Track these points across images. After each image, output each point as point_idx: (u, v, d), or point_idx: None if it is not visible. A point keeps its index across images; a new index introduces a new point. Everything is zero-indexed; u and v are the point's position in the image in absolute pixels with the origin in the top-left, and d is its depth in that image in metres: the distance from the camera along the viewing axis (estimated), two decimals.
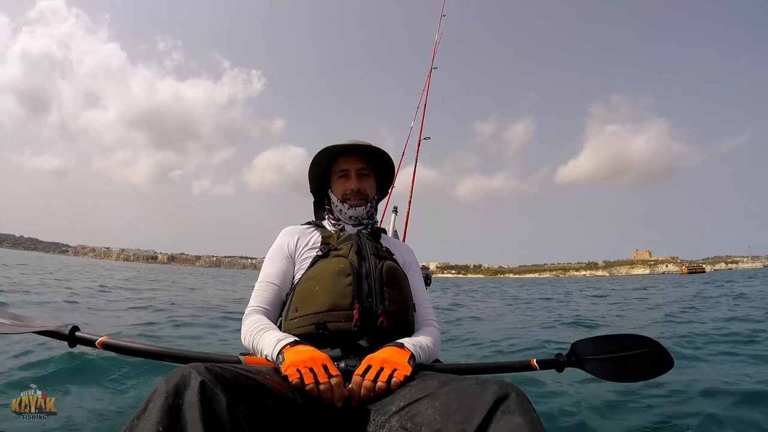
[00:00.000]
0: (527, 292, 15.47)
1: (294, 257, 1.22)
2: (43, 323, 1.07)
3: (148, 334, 3.76)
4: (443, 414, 0.68)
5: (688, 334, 4.06)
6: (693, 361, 2.95)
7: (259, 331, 1.02)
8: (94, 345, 0.99)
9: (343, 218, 1.28)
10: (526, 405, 0.65)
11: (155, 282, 14.09)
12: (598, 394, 2.11)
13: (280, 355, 0.88)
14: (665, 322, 5.32)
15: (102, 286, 9.37)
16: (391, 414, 0.76)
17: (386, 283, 1.09)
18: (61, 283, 9.10)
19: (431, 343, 1.07)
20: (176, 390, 0.59)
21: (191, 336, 3.86)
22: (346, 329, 1.01)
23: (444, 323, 5.22)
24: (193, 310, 5.89)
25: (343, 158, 1.28)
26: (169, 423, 0.55)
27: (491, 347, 3.68)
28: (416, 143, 3.57)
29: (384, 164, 1.33)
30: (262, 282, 1.18)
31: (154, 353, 0.98)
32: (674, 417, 1.86)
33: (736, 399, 2.01)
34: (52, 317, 4.39)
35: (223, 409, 0.60)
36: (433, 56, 3.96)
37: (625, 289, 15.86)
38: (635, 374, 1.19)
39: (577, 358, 1.17)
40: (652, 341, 1.20)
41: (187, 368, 0.63)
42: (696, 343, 3.60)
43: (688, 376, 2.45)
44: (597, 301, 9.69)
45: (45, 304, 5.45)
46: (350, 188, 1.26)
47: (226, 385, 0.63)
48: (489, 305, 8.91)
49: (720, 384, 2.27)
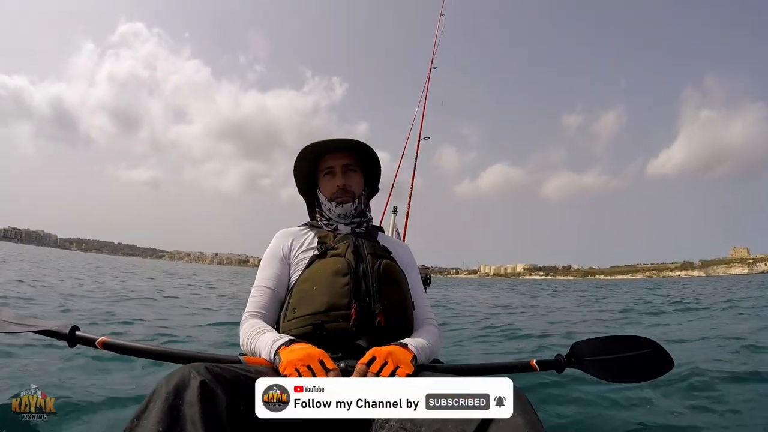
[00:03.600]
0: (597, 299, 12.24)
1: (289, 260, 1.21)
2: (43, 323, 1.07)
3: (150, 333, 3.76)
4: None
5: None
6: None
7: (256, 334, 1.02)
8: (94, 345, 0.99)
9: (333, 216, 1.27)
10: (526, 405, 0.65)
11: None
12: (597, 395, 2.11)
13: (277, 356, 0.88)
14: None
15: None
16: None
17: (384, 282, 1.08)
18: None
19: (431, 343, 1.07)
20: (176, 390, 0.59)
21: (191, 336, 3.86)
22: (343, 329, 1.01)
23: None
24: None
25: (329, 155, 1.26)
26: (170, 423, 0.55)
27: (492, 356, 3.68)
28: (416, 144, 3.58)
29: (370, 159, 1.31)
30: (258, 287, 1.17)
31: (153, 353, 0.98)
32: (674, 417, 1.86)
33: (738, 399, 2.01)
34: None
35: (223, 408, 0.60)
36: (433, 56, 3.96)
37: (715, 294, 13.16)
38: (635, 375, 1.19)
39: (576, 359, 1.17)
40: (652, 342, 1.20)
41: (187, 368, 0.63)
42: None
43: (688, 375, 2.45)
44: (681, 320, 6.35)
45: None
46: (336, 185, 1.24)
47: (226, 385, 0.63)
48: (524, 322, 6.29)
49: (721, 384, 2.27)
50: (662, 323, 6.01)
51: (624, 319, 6.69)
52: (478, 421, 0.63)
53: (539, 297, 14.64)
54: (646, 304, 9.85)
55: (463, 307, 9.24)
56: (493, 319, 6.47)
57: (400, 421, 0.73)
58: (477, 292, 18.95)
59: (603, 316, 7.22)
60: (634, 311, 7.92)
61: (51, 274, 11.35)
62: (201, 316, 5.38)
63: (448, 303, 10.45)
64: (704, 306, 8.44)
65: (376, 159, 1.32)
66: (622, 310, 8.23)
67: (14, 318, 1.10)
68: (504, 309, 8.86)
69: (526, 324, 5.82)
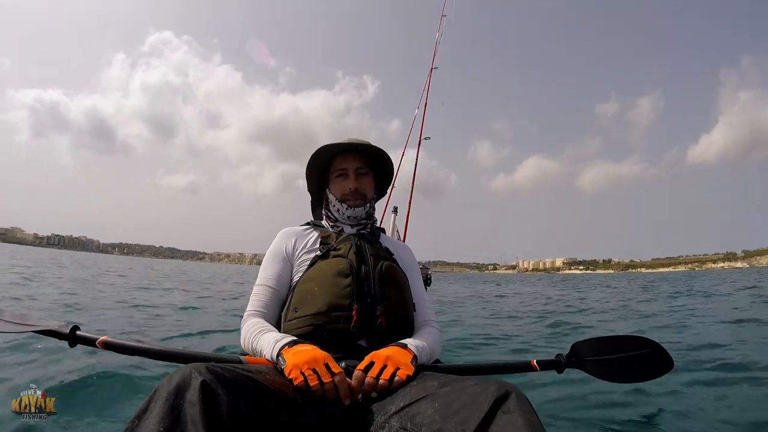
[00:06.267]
0: (627, 298, 9.72)
1: (291, 260, 1.21)
2: (44, 323, 1.07)
3: (152, 333, 3.76)
4: (443, 414, 0.68)
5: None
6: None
7: (258, 333, 1.02)
8: (94, 345, 0.99)
9: (342, 218, 1.27)
10: (526, 405, 0.65)
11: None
12: (597, 395, 2.11)
13: (280, 357, 0.88)
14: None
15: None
16: (390, 414, 0.76)
17: (385, 284, 1.09)
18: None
19: (432, 343, 1.07)
20: (177, 390, 0.59)
21: (192, 336, 3.86)
22: (344, 330, 1.01)
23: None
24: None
25: (342, 157, 1.27)
26: (170, 422, 0.55)
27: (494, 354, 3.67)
28: (417, 144, 3.58)
29: (382, 163, 1.33)
30: (259, 285, 1.18)
31: (154, 353, 0.98)
32: (674, 417, 1.86)
33: (739, 399, 2.01)
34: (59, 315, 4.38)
35: (223, 408, 0.60)
36: (434, 56, 3.96)
37: (760, 286, 11.47)
38: (635, 375, 1.19)
39: (577, 359, 1.17)
40: (652, 342, 1.21)
41: (188, 368, 0.63)
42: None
43: (687, 376, 2.45)
44: (718, 335, 4.04)
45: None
46: (349, 188, 1.25)
47: (226, 385, 0.63)
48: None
49: (721, 384, 2.27)
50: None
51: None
52: (478, 420, 0.63)
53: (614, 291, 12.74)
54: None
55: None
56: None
57: (400, 421, 0.73)
58: (554, 290, 14.63)
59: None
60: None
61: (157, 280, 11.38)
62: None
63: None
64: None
65: (390, 164, 1.33)
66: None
67: (14, 318, 1.10)
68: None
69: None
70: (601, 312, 6.65)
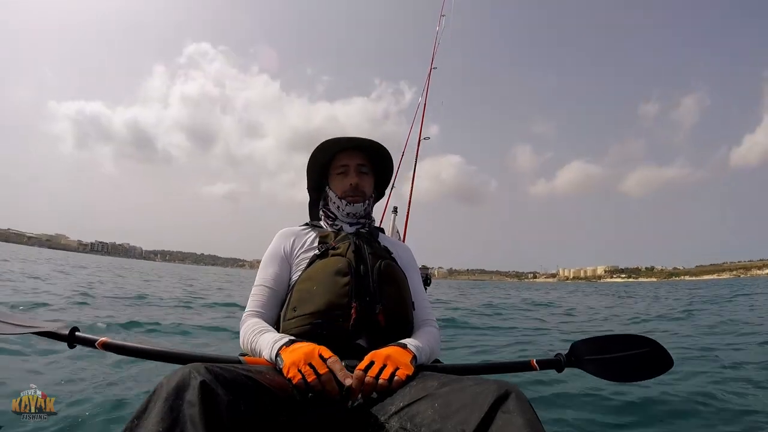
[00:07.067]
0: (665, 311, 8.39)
1: (290, 260, 1.21)
2: (43, 324, 1.07)
3: (153, 333, 3.76)
4: (443, 414, 0.68)
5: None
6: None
7: (256, 333, 1.02)
8: (93, 346, 0.99)
9: (341, 215, 1.27)
10: (526, 405, 0.65)
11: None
12: (597, 395, 2.11)
13: (278, 357, 0.88)
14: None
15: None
16: (390, 414, 0.76)
17: (384, 282, 1.09)
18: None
19: (431, 343, 1.07)
20: (177, 390, 0.59)
21: (192, 336, 3.86)
22: (343, 329, 1.01)
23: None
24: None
25: (343, 154, 1.27)
26: (170, 423, 0.55)
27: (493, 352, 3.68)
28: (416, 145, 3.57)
29: (383, 163, 1.32)
30: (258, 286, 1.17)
31: (153, 353, 0.98)
32: (674, 417, 1.86)
33: (740, 399, 2.01)
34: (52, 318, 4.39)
35: (223, 409, 0.60)
36: (433, 56, 3.94)
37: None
38: (635, 374, 1.19)
39: (576, 359, 1.17)
40: (652, 341, 1.21)
41: (187, 368, 0.63)
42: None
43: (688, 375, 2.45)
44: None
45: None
46: (349, 183, 1.24)
47: (226, 385, 0.63)
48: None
49: (721, 384, 2.27)
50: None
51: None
52: (478, 420, 0.63)
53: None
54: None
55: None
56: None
57: (399, 421, 0.73)
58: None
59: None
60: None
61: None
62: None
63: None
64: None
65: (390, 163, 1.33)
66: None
67: (14, 319, 1.10)
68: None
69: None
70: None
